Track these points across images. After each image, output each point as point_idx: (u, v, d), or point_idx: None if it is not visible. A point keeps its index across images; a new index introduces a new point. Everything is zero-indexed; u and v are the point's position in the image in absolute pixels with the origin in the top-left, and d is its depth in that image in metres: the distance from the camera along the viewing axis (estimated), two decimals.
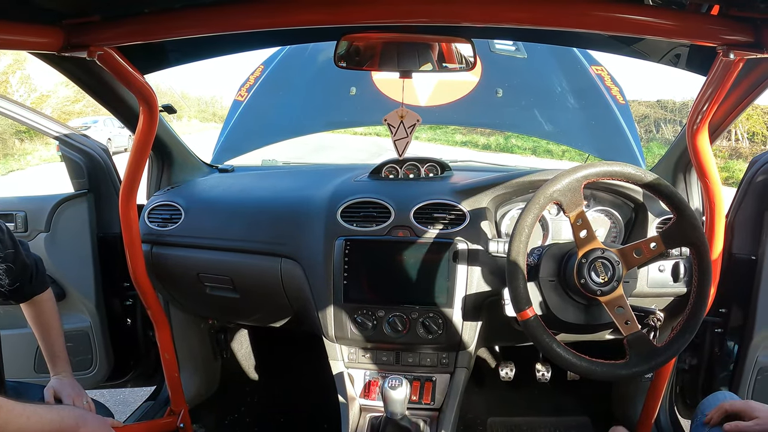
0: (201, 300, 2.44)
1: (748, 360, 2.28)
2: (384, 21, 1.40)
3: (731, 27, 1.30)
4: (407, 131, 1.98)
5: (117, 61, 1.61)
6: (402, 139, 1.99)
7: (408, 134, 1.98)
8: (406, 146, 2.01)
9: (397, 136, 1.98)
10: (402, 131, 1.97)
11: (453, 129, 20.46)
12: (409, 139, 1.99)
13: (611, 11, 1.29)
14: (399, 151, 2.01)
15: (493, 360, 3.03)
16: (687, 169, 2.29)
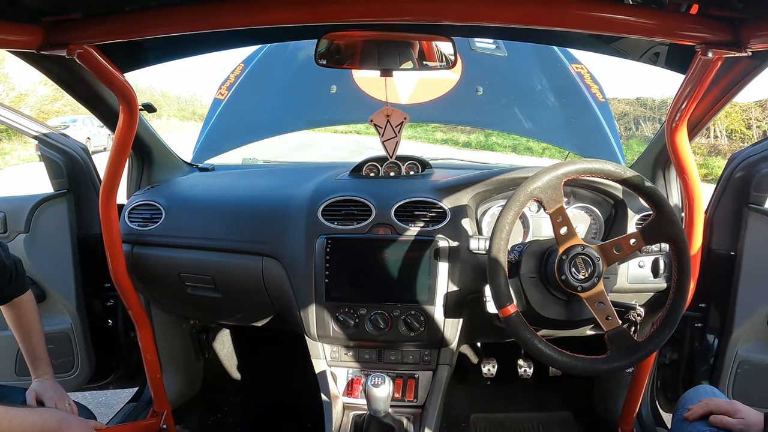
0: (182, 300, 2.42)
1: (728, 354, 2.31)
2: (365, 19, 1.40)
3: (710, 26, 1.32)
4: (395, 130, 1.98)
5: (97, 59, 1.60)
6: (391, 139, 1.99)
7: (396, 133, 1.98)
8: (396, 146, 2.02)
9: (386, 136, 1.98)
10: (390, 131, 1.97)
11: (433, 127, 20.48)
12: (398, 138, 2.00)
13: (591, 10, 1.30)
14: (389, 152, 2.02)
15: (475, 356, 3.04)
16: (666, 166, 2.32)
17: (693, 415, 1.69)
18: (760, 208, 2.25)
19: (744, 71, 1.69)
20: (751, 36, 1.29)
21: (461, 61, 3.29)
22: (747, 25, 1.29)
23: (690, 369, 2.49)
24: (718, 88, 1.80)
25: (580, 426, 2.85)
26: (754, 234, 2.24)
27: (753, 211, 2.25)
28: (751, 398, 2.01)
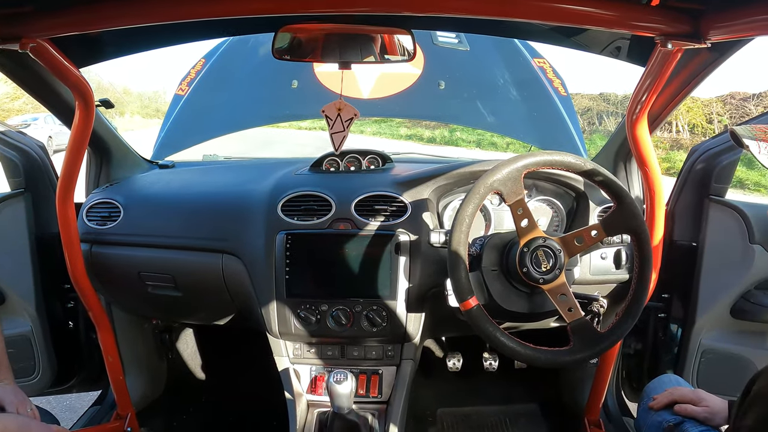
0: (143, 300, 2.38)
1: (692, 343, 2.34)
2: (324, 10, 1.38)
3: (670, 17, 1.32)
4: (344, 125, 1.95)
5: (51, 53, 1.55)
6: (339, 132, 1.96)
7: (345, 128, 1.96)
8: (342, 140, 2.00)
9: (334, 129, 1.95)
10: (339, 124, 1.95)
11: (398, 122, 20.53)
12: (346, 133, 1.97)
13: (552, 1, 1.30)
14: (335, 145, 2.00)
15: (440, 351, 3.05)
16: (627, 158, 2.34)
17: (658, 405, 1.71)
18: (721, 200, 2.28)
19: (704, 63, 1.70)
20: (710, 28, 1.29)
21: (423, 55, 3.30)
22: (706, 16, 1.30)
23: (654, 359, 2.52)
24: (678, 80, 1.81)
25: (547, 417, 2.86)
26: (715, 225, 2.28)
27: (714, 202, 2.28)
28: (714, 386, 2.04)
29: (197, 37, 2.02)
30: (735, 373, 2.29)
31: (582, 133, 3.38)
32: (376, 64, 2.04)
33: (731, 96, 19.54)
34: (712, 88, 21.99)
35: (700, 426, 1.59)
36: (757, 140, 1.04)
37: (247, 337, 2.87)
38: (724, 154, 2.26)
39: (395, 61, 1.92)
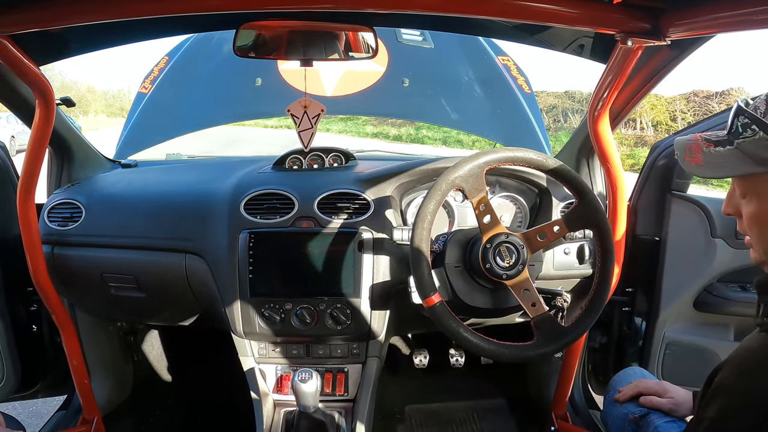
0: (106, 301, 2.34)
1: (656, 336, 2.38)
2: (285, 7, 1.37)
3: (630, 15, 1.34)
4: (311, 122, 1.95)
5: (9, 50, 1.52)
6: (307, 130, 1.96)
7: (312, 125, 1.95)
8: (311, 137, 1.99)
9: (302, 127, 1.95)
10: (306, 122, 1.94)
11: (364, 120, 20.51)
12: (314, 130, 1.97)
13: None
14: (304, 142, 1.99)
15: (407, 348, 3.05)
16: (590, 154, 2.36)
17: (623, 397, 1.73)
18: (683, 195, 2.31)
19: (664, 61, 1.72)
20: (670, 25, 1.31)
21: (387, 52, 3.30)
22: (666, 14, 1.32)
23: (619, 352, 2.56)
24: (639, 77, 1.83)
25: (515, 412, 2.88)
26: (677, 219, 2.31)
27: (676, 197, 2.31)
28: (679, 378, 2.08)
29: (158, 34, 1.99)
30: (699, 364, 2.32)
31: (547, 130, 3.40)
32: (340, 61, 2.03)
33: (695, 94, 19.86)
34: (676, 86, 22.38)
35: (665, 417, 1.61)
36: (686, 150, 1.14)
37: (213, 337, 2.84)
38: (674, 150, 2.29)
39: (359, 58, 1.91)
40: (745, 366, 1.02)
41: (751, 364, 1.01)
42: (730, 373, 1.03)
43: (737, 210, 1.14)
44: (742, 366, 1.03)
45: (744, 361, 1.04)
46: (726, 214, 1.18)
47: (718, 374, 1.05)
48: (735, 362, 1.05)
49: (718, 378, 1.04)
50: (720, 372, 1.05)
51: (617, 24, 1.36)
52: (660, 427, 1.58)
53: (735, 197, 1.14)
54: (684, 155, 1.14)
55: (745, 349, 1.06)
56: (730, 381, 1.02)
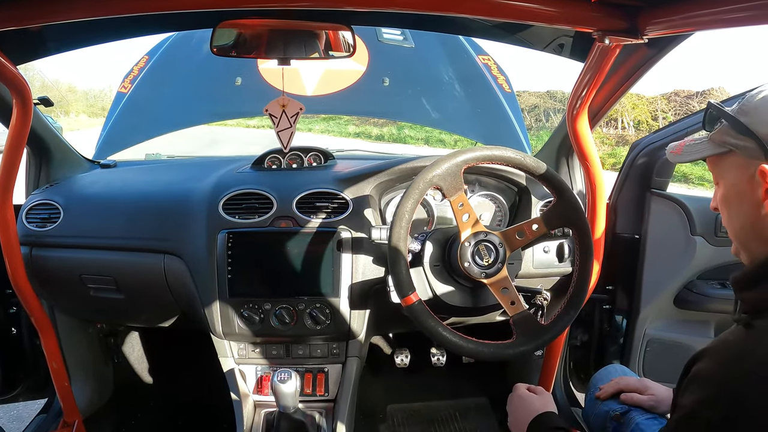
0: (86, 303, 2.31)
1: (637, 333, 2.40)
2: (263, 5, 1.36)
3: (608, 13, 1.35)
4: (290, 121, 1.94)
5: None
6: (286, 129, 1.95)
7: (291, 124, 1.95)
8: (290, 137, 1.99)
9: (280, 126, 1.94)
10: (285, 121, 1.94)
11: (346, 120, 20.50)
12: (293, 129, 1.96)
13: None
14: (283, 143, 1.98)
15: (388, 347, 3.05)
16: (569, 153, 2.36)
17: (604, 394, 1.74)
18: (663, 193, 2.33)
19: (642, 59, 1.72)
20: (647, 24, 1.32)
21: (368, 52, 3.31)
22: (644, 12, 1.32)
23: (600, 349, 2.57)
24: (617, 76, 1.84)
25: (497, 410, 2.88)
26: (656, 217, 2.33)
27: (655, 195, 2.33)
28: (660, 375, 2.10)
29: (137, 32, 1.98)
30: (680, 361, 2.30)
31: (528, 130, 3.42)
32: (320, 60, 2.02)
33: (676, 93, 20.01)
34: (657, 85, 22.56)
35: (646, 414, 1.62)
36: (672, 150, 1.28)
37: (193, 338, 2.83)
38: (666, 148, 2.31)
39: (338, 57, 1.91)
40: (722, 357, 1.03)
41: (729, 355, 1.02)
42: (708, 363, 1.04)
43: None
44: (720, 357, 1.04)
45: (722, 352, 1.05)
46: (713, 209, 1.23)
47: (696, 364, 1.06)
48: (713, 353, 1.06)
49: (696, 367, 1.05)
50: (698, 362, 1.06)
51: (595, 22, 1.36)
52: (641, 423, 1.59)
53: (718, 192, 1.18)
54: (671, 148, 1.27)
55: (723, 341, 1.07)
56: (707, 371, 1.03)
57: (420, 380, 3.02)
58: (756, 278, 1.07)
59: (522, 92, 22.19)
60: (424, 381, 3.02)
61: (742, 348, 1.00)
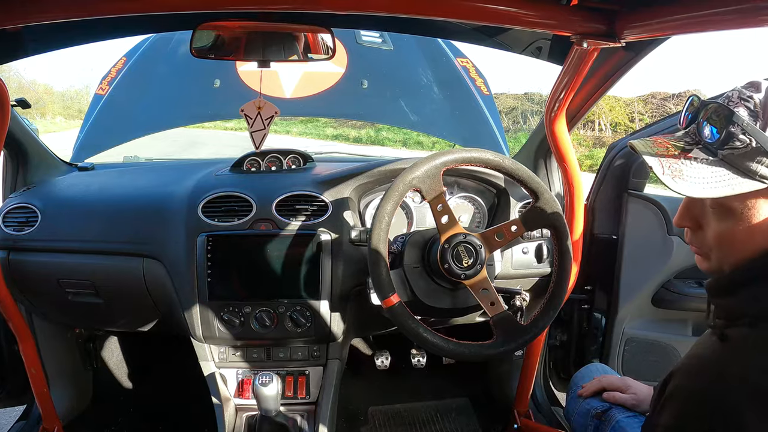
0: (64, 308, 2.29)
1: (615, 332, 2.42)
2: (242, 8, 1.36)
3: (586, 17, 1.36)
4: (264, 123, 1.94)
5: None
6: (259, 131, 1.95)
7: (265, 126, 1.95)
8: (263, 138, 1.98)
9: (254, 127, 1.94)
10: (259, 123, 1.94)
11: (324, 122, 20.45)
12: (266, 131, 1.96)
13: (473, 1, 1.31)
14: (256, 143, 1.98)
15: (368, 349, 3.06)
16: (547, 155, 2.38)
17: (586, 392, 1.75)
18: (639, 194, 2.36)
19: (620, 62, 1.74)
20: (624, 27, 1.34)
21: (347, 54, 3.31)
22: (621, 16, 1.34)
23: (580, 349, 2.59)
24: (595, 78, 1.86)
25: (477, 411, 2.90)
26: (633, 218, 2.35)
27: (632, 196, 2.35)
28: (639, 373, 2.13)
29: (115, 34, 1.97)
30: (658, 359, 2.38)
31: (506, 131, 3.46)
32: (299, 62, 2.02)
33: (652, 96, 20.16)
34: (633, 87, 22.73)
35: (626, 412, 1.63)
36: (659, 157, 1.03)
37: (173, 342, 2.81)
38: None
39: (317, 59, 1.91)
40: (696, 372, 1.03)
41: (702, 369, 1.02)
42: (682, 379, 1.04)
43: (696, 221, 1.10)
44: (694, 372, 1.04)
45: (695, 367, 1.05)
46: (680, 226, 1.14)
47: (670, 382, 1.06)
48: (686, 369, 1.06)
49: (671, 386, 1.05)
50: (672, 379, 1.06)
51: (573, 26, 1.37)
52: (621, 421, 1.60)
53: (696, 209, 1.10)
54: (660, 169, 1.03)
55: (698, 356, 1.06)
56: (682, 387, 1.03)
57: (401, 382, 3.03)
58: (733, 287, 1.05)
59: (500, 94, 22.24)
60: (404, 382, 3.03)
61: (718, 362, 0.99)
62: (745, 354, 0.96)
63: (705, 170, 0.98)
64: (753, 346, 0.97)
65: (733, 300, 1.05)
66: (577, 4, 1.34)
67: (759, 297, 1.00)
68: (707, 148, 1.00)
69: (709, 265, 1.11)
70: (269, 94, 3.11)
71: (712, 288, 1.11)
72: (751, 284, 1.01)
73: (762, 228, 0.98)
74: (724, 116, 0.97)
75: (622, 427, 1.59)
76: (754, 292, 1.01)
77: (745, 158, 0.94)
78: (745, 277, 1.03)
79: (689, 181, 0.98)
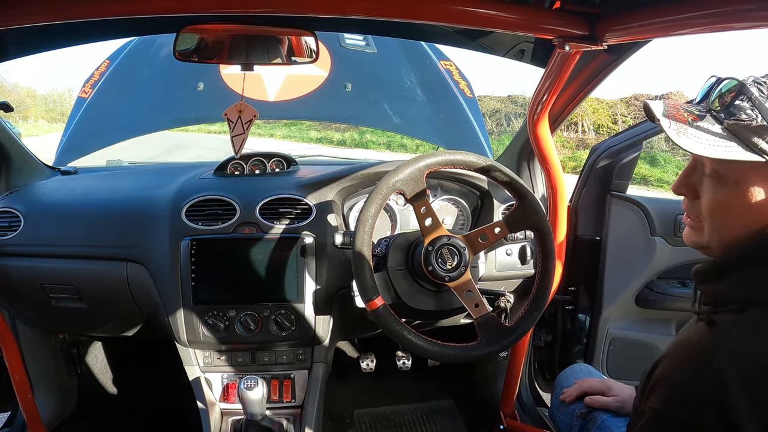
0: (47, 313, 2.28)
1: (600, 333, 2.44)
2: (225, 11, 1.36)
3: (568, 21, 1.37)
4: (244, 127, 1.94)
5: None
6: (239, 135, 1.94)
7: (245, 130, 1.94)
8: (242, 143, 1.98)
9: (235, 132, 1.93)
10: (239, 127, 1.93)
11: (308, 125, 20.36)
12: (246, 136, 1.96)
13: (456, 4, 1.32)
14: (236, 148, 1.98)
15: (354, 352, 3.06)
16: (530, 157, 2.40)
17: (569, 398, 1.76)
18: (622, 195, 2.38)
19: (602, 65, 1.76)
20: (606, 31, 1.35)
21: (330, 57, 3.32)
22: (603, 20, 1.35)
23: (565, 349, 2.61)
24: (577, 81, 1.87)
25: (463, 412, 2.90)
26: (616, 219, 2.37)
27: (615, 197, 2.37)
28: (624, 373, 2.15)
29: (99, 37, 1.96)
30: (643, 359, 2.36)
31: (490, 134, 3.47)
32: (283, 65, 2.02)
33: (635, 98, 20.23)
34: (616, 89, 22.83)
35: None
36: (669, 117, 1.04)
37: (157, 347, 2.80)
38: (625, 152, 2.36)
39: (301, 63, 1.91)
40: (684, 357, 1.05)
41: (690, 354, 1.03)
42: (670, 365, 1.06)
43: (693, 189, 1.12)
44: (682, 357, 1.05)
45: (682, 352, 1.06)
46: (678, 193, 1.15)
47: (658, 367, 1.07)
48: (674, 354, 1.07)
49: (658, 371, 1.06)
50: (659, 365, 1.08)
51: (555, 29, 1.39)
52: (606, 421, 1.61)
53: (695, 176, 1.11)
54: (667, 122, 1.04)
55: (685, 341, 1.08)
56: (670, 372, 1.04)
57: (386, 384, 3.03)
58: (722, 271, 1.07)
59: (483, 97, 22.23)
60: (390, 385, 3.03)
61: (706, 346, 1.01)
62: (733, 339, 0.98)
63: (709, 134, 1.01)
64: (741, 330, 0.98)
65: (721, 285, 1.07)
66: (560, 7, 1.35)
67: (747, 281, 1.02)
68: (715, 118, 1.03)
69: (699, 239, 1.13)
70: (253, 97, 3.11)
71: (701, 273, 1.12)
72: (739, 269, 1.04)
73: (754, 207, 1.01)
74: (735, 89, 1.01)
75: (608, 426, 1.60)
76: (742, 276, 1.03)
77: (749, 131, 0.97)
78: (733, 261, 1.05)
79: (693, 139, 1.01)
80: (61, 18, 1.30)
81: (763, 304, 0.99)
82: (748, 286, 1.02)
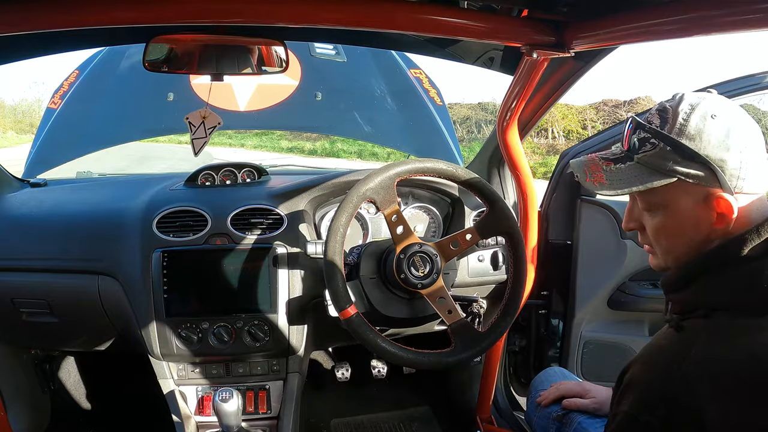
0: (18, 328, 2.24)
1: (573, 336, 2.46)
2: (195, 21, 1.36)
3: (536, 28, 1.39)
4: (207, 132, 1.93)
5: None
6: (200, 138, 1.94)
7: (207, 135, 1.94)
8: (202, 146, 1.97)
9: (196, 135, 1.93)
10: (201, 131, 1.93)
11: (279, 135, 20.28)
12: (207, 140, 1.95)
13: (425, 13, 1.33)
14: (195, 149, 1.97)
15: (329, 361, 3.04)
16: (500, 164, 2.41)
17: (546, 401, 1.76)
18: (592, 199, 2.40)
19: (570, 72, 1.79)
20: (573, 38, 1.37)
21: (300, 66, 3.31)
22: (570, 27, 1.38)
23: (539, 353, 2.62)
24: (546, 88, 1.90)
25: (440, 418, 2.90)
26: (587, 223, 2.39)
27: (585, 202, 2.39)
28: (598, 374, 2.17)
29: (68, 47, 1.95)
30: (617, 360, 2.41)
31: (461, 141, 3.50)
32: (253, 75, 2.02)
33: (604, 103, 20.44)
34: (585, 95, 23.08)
35: None
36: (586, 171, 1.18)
37: (131, 361, 2.77)
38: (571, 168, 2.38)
39: (271, 72, 1.91)
40: (654, 362, 1.07)
41: (659, 359, 1.06)
42: (641, 368, 1.08)
43: (640, 224, 1.18)
44: (652, 362, 1.07)
45: (653, 357, 1.09)
46: (628, 230, 1.23)
47: (629, 371, 1.10)
48: (644, 359, 1.10)
49: (629, 375, 1.09)
50: (630, 369, 1.10)
51: (523, 37, 1.41)
52: (583, 422, 1.62)
53: (636, 212, 1.18)
54: (585, 176, 1.17)
55: (656, 345, 1.11)
56: (640, 376, 1.07)
57: (362, 393, 3.02)
58: (685, 281, 1.11)
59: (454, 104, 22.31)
60: (366, 393, 3.02)
61: (675, 351, 1.03)
62: (700, 342, 1.00)
63: (622, 173, 1.12)
64: (708, 335, 1.01)
65: (686, 294, 1.11)
66: (527, 15, 1.37)
67: (710, 288, 1.07)
68: (628, 157, 1.12)
69: (657, 262, 1.20)
70: (223, 107, 3.10)
71: (666, 284, 1.17)
72: (700, 278, 1.08)
73: (690, 223, 1.08)
74: (633, 125, 1.12)
75: (584, 428, 1.61)
76: (705, 284, 1.07)
77: (656, 158, 1.07)
78: (693, 272, 1.09)
79: (610, 182, 1.12)
80: (30, 28, 1.29)
81: (728, 308, 1.03)
82: (712, 292, 1.06)
